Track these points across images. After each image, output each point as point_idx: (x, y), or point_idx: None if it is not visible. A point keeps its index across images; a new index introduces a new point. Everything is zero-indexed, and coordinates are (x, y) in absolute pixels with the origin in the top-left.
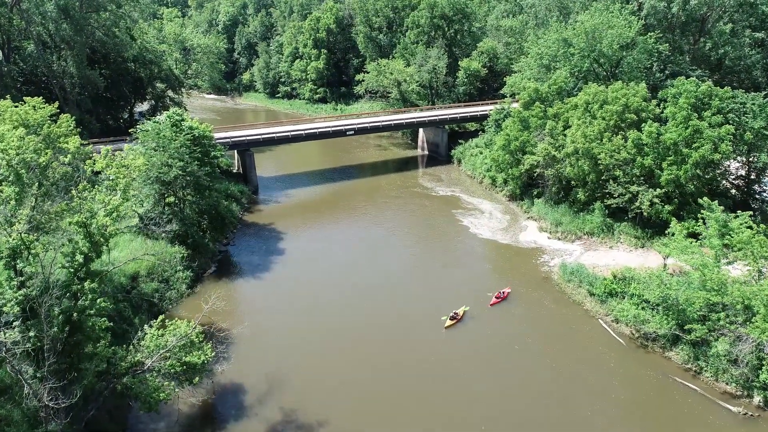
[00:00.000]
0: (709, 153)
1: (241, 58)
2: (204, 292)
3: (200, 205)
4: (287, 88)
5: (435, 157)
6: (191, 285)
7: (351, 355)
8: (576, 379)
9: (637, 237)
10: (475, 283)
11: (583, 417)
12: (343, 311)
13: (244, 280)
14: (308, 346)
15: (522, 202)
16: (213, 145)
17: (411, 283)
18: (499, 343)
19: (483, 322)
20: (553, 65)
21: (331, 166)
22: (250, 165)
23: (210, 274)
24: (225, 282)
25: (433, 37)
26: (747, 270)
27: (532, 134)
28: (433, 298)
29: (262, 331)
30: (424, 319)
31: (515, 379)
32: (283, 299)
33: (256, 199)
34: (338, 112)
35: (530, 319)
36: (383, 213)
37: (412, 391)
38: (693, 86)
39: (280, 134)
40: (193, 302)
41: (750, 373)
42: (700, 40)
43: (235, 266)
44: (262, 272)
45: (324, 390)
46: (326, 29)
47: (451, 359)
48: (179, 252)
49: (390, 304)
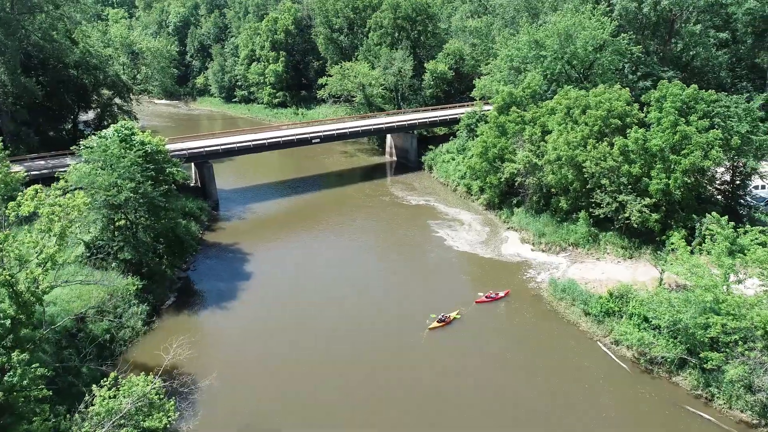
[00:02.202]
0: (699, 160)
1: (194, 61)
2: (163, 329)
3: (156, 228)
4: (244, 93)
5: (404, 164)
6: (148, 320)
7: (335, 400)
8: (576, 408)
9: (624, 247)
10: (459, 300)
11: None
12: (320, 345)
13: (208, 312)
14: (286, 394)
15: (501, 211)
16: (168, 160)
17: (392, 305)
18: (489, 367)
19: (472, 342)
20: (523, 67)
21: (295, 176)
22: (209, 178)
23: (169, 306)
24: (187, 315)
25: (397, 38)
26: (763, 290)
27: (510, 141)
28: (419, 321)
29: (234, 378)
30: (412, 349)
31: (509, 406)
32: (254, 334)
33: (217, 216)
34: (300, 117)
35: (522, 340)
36: (354, 225)
37: None
38: (678, 90)
39: (241, 144)
40: (152, 341)
41: (766, 399)
42: (671, 41)
43: (198, 295)
44: (228, 301)
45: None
46: (284, 30)
47: (441, 384)
48: (132, 284)
49: (373, 332)
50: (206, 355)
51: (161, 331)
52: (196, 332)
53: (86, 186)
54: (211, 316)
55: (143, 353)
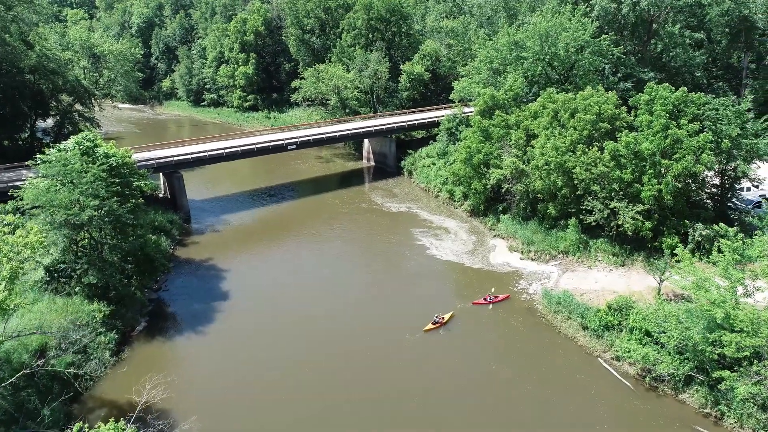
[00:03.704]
0: (691, 164)
1: (160, 64)
2: (134, 359)
3: (123, 248)
4: (213, 96)
5: (383, 169)
6: (117, 350)
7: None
8: (578, 427)
9: (615, 254)
10: (449, 328)
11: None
12: (304, 372)
13: (183, 339)
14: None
15: (486, 218)
16: (135, 173)
17: (379, 320)
18: (485, 382)
19: (466, 358)
20: (502, 69)
21: (269, 184)
22: (179, 189)
23: (140, 332)
24: (160, 342)
25: (371, 39)
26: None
27: (495, 146)
28: (409, 331)
29: (216, 420)
30: (401, 366)
31: (505, 423)
32: (235, 362)
33: (189, 229)
34: (272, 121)
35: (518, 356)
36: (333, 235)
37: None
38: (667, 92)
39: (213, 152)
40: (122, 374)
41: None
42: (651, 42)
43: (171, 319)
44: (204, 324)
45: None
46: (254, 32)
47: (435, 402)
48: (99, 310)
49: (361, 353)
50: (184, 393)
51: (132, 361)
52: (171, 364)
53: (44, 204)
54: (187, 343)
55: (113, 388)
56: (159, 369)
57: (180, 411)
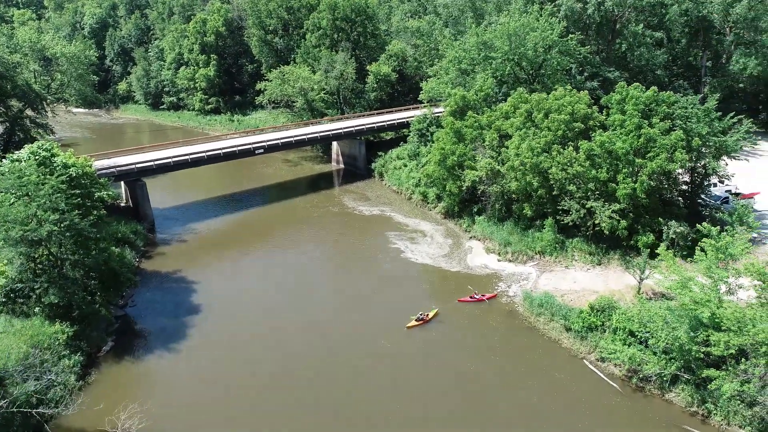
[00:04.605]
0: (665, 163)
1: (115, 66)
2: (102, 383)
3: (86, 263)
4: (173, 99)
5: (353, 171)
6: (83, 374)
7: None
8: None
9: (591, 253)
10: (432, 329)
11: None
12: (283, 388)
13: (156, 358)
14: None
15: (461, 220)
16: (96, 183)
17: (359, 326)
18: (469, 387)
19: (448, 362)
20: (470, 69)
21: (236, 189)
22: (142, 197)
23: (107, 352)
24: (129, 363)
25: (337, 40)
26: (759, 302)
27: (469, 147)
28: (393, 353)
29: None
30: (384, 374)
31: (492, 427)
32: (211, 381)
33: (154, 240)
34: (236, 124)
35: (502, 359)
36: (305, 241)
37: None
38: (638, 92)
39: (177, 158)
40: (89, 400)
41: (767, 414)
42: (616, 42)
43: (140, 336)
44: (176, 340)
45: None
46: (215, 32)
47: (414, 410)
48: (62, 331)
49: (343, 359)
50: (161, 421)
51: (101, 385)
52: (144, 387)
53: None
54: (159, 362)
55: (83, 419)
56: (131, 394)
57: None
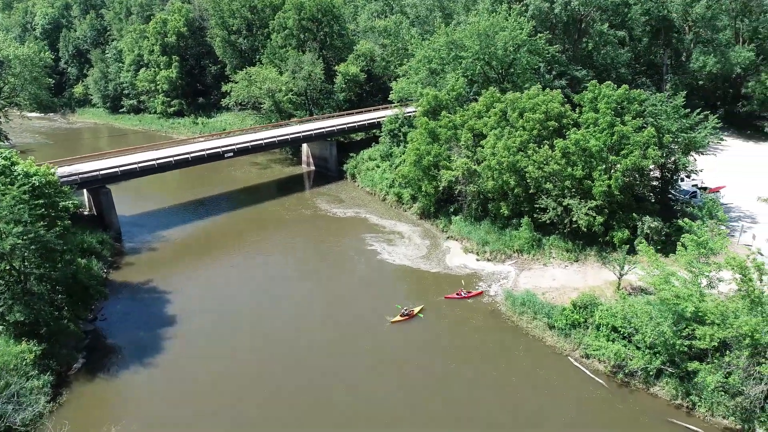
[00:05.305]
0: (639, 159)
1: (70, 69)
2: (75, 403)
3: (52, 277)
4: (133, 102)
5: (324, 173)
6: (54, 394)
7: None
8: (556, 428)
9: (568, 250)
10: (415, 329)
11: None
12: (272, 396)
13: (131, 374)
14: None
15: (437, 220)
16: (60, 192)
17: (340, 328)
18: (455, 387)
19: (433, 360)
20: (440, 69)
21: (205, 194)
22: (107, 205)
23: (78, 370)
24: (103, 380)
25: (303, 40)
26: (740, 295)
27: (444, 147)
28: (378, 358)
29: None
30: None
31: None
32: (192, 396)
33: (121, 249)
34: (201, 127)
35: (487, 359)
36: (279, 245)
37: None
38: (610, 90)
39: (144, 164)
40: (62, 422)
41: (750, 404)
42: (582, 41)
43: (113, 351)
44: (151, 354)
45: None
46: (176, 33)
47: (401, 413)
48: (28, 350)
49: (325, 361)
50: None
51: (72, 405)
52: (120, 407)
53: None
54: (135, 378)
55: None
56: (107, 413)
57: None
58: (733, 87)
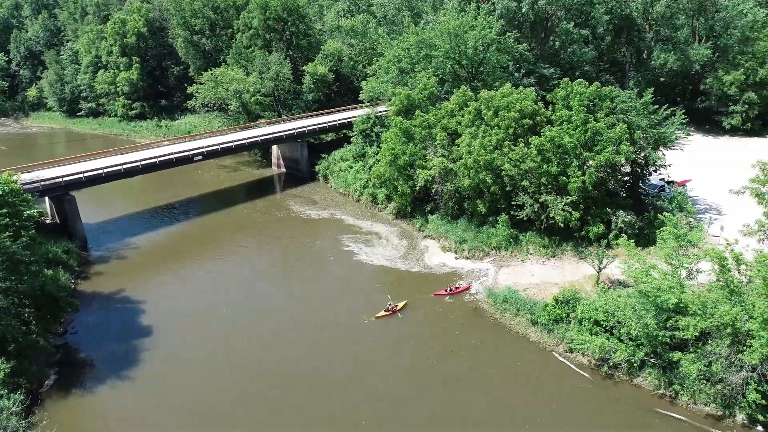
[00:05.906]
0: (612, 155)
1: (23, 71)
2: (49, 423)
3: (19, 290)
4: (91, 105)
5: (295, 175)
6: (26, 412)
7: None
8: (544, 422)
9: (545, 246)
10: (397, 328)
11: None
12: (253, 401)
13: (106, 388)
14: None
15: (414, 219)
16: (24, 201)
17: (323, 330)
18: (440, 388)
19: (418, 366)
20: (410, 68)
21: (173, 199)
22: (72, 213)
23: (50, 387)
24: (78, 397)
25: (269, 40)
26: (719, 285)
27: (419, 146)
28: (360, 358)
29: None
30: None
31: (466, 423)
32: (172, 410)
33: (88, 258)
34: (164, 130)
35: (471, 356)
36: (254, 248)
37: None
38: (582, 88)
39: (109, 169)
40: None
41: (730, 391)
42: (549, 39)
43: (86, 365)
44: (127, 367)
45: None
46: (135, 33)
47: (387, 408)
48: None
49: (306, 363)
50: None
51: (46, 425)
52: (99, 424)
53: None
54: (112, 393)
55: None
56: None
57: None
58: (692, 83)
